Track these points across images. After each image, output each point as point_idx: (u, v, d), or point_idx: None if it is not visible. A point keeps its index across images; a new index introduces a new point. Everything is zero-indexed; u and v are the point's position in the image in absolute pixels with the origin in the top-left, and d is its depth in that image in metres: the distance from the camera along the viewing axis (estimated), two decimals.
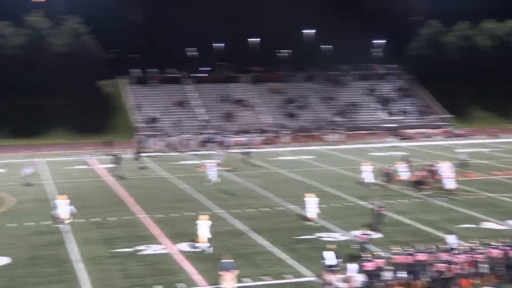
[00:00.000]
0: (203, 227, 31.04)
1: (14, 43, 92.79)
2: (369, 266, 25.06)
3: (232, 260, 25.47)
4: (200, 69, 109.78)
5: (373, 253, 26.56)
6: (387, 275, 25.25)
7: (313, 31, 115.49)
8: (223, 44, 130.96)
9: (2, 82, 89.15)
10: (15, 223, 36.83)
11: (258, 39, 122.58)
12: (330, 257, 25.78)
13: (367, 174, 47.06)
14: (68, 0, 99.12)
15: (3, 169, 57.14)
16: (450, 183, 44.22)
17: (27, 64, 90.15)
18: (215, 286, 25.89)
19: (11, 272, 28.02)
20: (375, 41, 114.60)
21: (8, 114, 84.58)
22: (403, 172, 48.42)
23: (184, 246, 31.48)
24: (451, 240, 28.65)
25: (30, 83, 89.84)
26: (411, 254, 25.86)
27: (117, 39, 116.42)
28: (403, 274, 25.32)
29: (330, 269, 25.54)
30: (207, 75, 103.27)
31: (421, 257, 25.69)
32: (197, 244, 31.21)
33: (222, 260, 25.47)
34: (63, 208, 36.26)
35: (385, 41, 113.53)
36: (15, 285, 26.51)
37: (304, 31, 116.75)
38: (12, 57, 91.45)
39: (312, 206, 36.33)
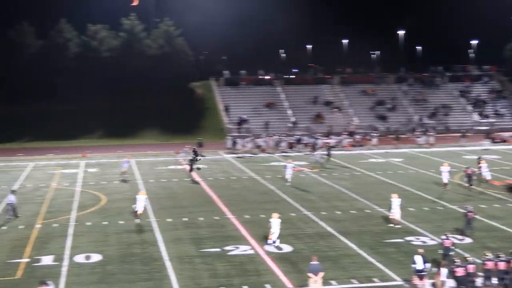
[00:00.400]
0: (275, 225, 31.83)
1: (109, 46, 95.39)
2: (460, 271, 24.49)
3: (318, 262, 25.39)
4: (290, 70, 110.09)
5: (466, 258, 25.84)
6: (478, 281, 24.63)
7: (403, 31, 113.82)
8: (312, 46, 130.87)
9: (97, 84, 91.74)
10: (107, 221, 37.83)
11: (347, 40, 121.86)
12: (419, 261, 25.36)
13: (445, 174, 46.59)
14: (161, 4, 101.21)
15: (95, 169, 58.72)
16: None
17: (121, 67, 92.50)
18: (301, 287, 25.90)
19: (103, 269, 28.81)
20: (468, 42, 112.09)
21: (101, 114, 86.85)
22: (487, 172, 48.00)
23: (271, 248, 31.56)
24: None
25: (123, 85, 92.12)
26: (505, 261, 25.09)
27: (208, 41, 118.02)
28: (494, 281, 24.64)
29: (419, 273, 25.12)
30: (296, 76, 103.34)
31: None
32: (269, 241, 31.98)
33: (310, 262, 25.42)
34: (140, 203, 37.61)
35: (477, 41, 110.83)
36: (107, 281, 27.23)
37: (398, 31, 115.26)
38: (107, 60, 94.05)
39: (396, 207, 35.95)
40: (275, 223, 31.97)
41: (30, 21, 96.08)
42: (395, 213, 35.87)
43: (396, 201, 35.98)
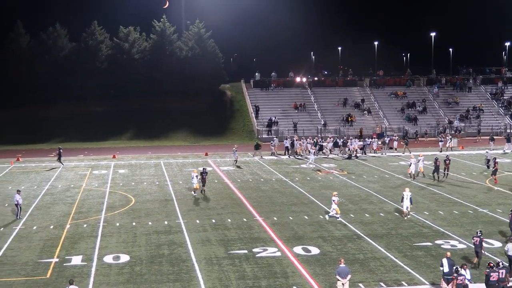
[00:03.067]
0: (335, 201, 38.19)
1: (141, 48, 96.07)
2: (495, 276, 24.16)
3: (345, 265, 25.30)
4: (320, 72, 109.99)
5: (498, 263, 25.52)
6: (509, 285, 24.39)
7: (435, 33, 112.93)
8: (342, 48, 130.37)
9: (128, 85, 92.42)
10: (135, 222, 38.05)
11: (376, 42, 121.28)
12: (446, 265, 25.16)
13: (413, 166, 51.90)
14: (192, 6, 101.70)
15: (125, 170, 59.08)
16: None
17: (152, 69, 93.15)
18: None
19: (131, 269, 28.97)
20: (501, 43, 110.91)
21: (131, 116, 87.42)
22: (414, 166, 52.22)
23: (299, 250, 31.53)
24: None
25: (154, 86, 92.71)
26: None
27: (238, 43, 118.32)
28: None
29: (447, 277, 24.92)
30: (326, 78, 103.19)
31: None
32: (336, 215, 37.93)
33: (340, 265, 25.34)
34: (194, 179, 45.60)
35: (510, 43, 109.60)
36: (135, 282, 27.37)
37: (430, 33, 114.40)
38: (138, 62, 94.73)
39: (405, 200, 37.84)
40: (335, 200, 37.95)
41: (62, 23, 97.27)
42: (403, 205, 37.81)
43: (405, 194, 37.79)
